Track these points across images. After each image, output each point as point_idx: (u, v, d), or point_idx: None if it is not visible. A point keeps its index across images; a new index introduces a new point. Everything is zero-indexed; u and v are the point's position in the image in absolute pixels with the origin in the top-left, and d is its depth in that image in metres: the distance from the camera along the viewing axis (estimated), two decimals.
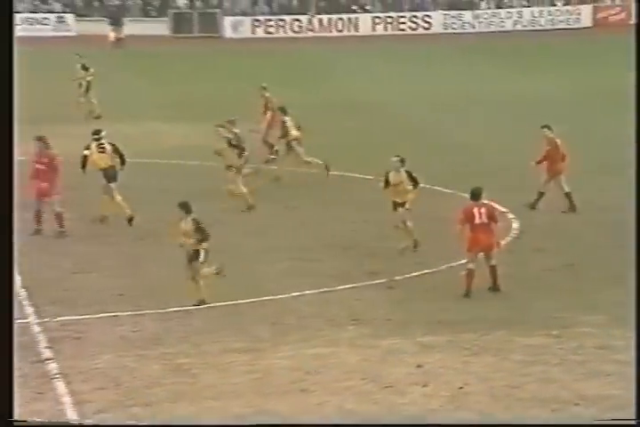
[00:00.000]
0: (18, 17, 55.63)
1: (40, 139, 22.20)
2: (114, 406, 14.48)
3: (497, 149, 30.06)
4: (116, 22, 53.58)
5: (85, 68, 35.11)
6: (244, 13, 59.56)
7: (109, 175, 22.93)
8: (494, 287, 18.53)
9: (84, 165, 22.97)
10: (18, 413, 14.21)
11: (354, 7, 61.03)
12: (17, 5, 56.51)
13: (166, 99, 38.47)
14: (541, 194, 23.50)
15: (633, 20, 54.85)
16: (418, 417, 13.98)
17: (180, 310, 17.91)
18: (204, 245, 18.06)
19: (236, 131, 24.70)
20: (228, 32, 57.97)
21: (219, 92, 39.33)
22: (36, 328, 17.15)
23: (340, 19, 59.76)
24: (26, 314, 17.69)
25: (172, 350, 16.34)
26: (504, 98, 38.60)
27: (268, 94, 28.82)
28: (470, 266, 18.29)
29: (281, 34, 58.55)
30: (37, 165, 21.83)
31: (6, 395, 11.77)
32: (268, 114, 28.23)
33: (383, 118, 35.46)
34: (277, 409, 14.31)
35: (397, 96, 39.80)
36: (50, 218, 22.16)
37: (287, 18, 59.16)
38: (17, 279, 19.28)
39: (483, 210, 18.30)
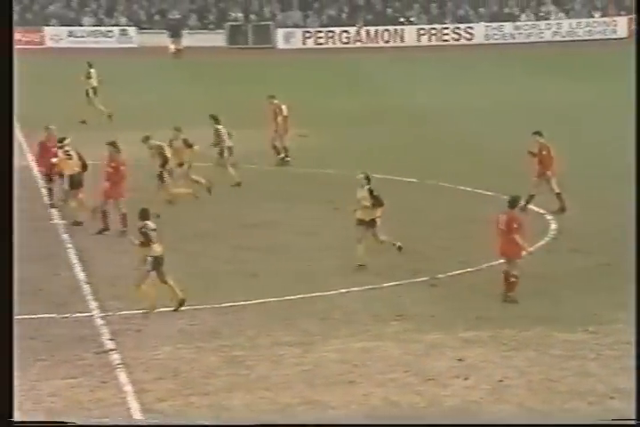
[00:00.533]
0: (84, 30, 56.14)
1: (111, 144, 22.49)
2: (173, 395, 14.55)
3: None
4: (175, 34, 53.86)
5: (89, 77, 35.31)
6: (295, 25, 59.73)
7: (76, 181, 23.01)
8: (505, 296, 17.90)
9: (51, 172, 23.26)
10: (84, 400, 14.37)
11: (400, 19, 60.98)
12: (83, 19, 57.03)
13: (220, 106, 38.57)
14: (532, 196, 23.16)
15: None
16: (459, 409, 13.92)
17: (235, 305, 17.97)
18: None
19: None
20: (280, 43, 58.14)
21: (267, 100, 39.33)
22: (100, 321, 17.26)
23: (387, 30, 59.69)
24: (90, 308, 17.82)
25: (227, 342, 16.40)
26: (543, 105, 38.34)
27: (276, 101, 28.82)
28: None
29: (330, 44, 58.63)
30: (107, 169, 22.08)
31: (6, 395, 11.42)
32: (279, 118, 28.26)
33: (427, 124, 35.34)
34: (326, 400, 14.31)
35: (441, 103, 39.65)
36: (115, 218, 22.32)
37: (336, 29, 59.25)
38: (81, 276, 19.45)
39: (504, 218, 17.84)
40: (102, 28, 56.63)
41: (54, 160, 23.32)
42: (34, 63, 38.15)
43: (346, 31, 59.30)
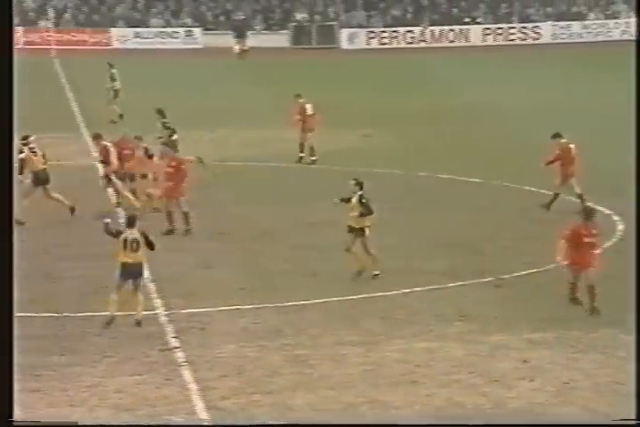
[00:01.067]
0: (150, 31, 56.53)
1: (165, 144, 22.68)
2: (237, 393, 14.62)
3: (603, 154, 29.56)
4: (240, 35, 54.09)
5: (113, 79, 35.56)
6: (359, 26, 59.69)
7: (42, 177, 23.05)
8: (592, 309, 17.43)
9: (21, 168, 23.04)
10: (149, 397, 14.49)
11: (466, 19, 60.69)
12: (150, 21, 57.45)
13: (283, 106, 38.71)
14: (557, 195, 23.54)
15: None
16: (524, 410, 13.82)
17: (297, 304, 18.00)
18: None
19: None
20: (344, 43, 58.13)
21: (332, 100, 39.38)
22: (164, 319, 17.39)
23: (452, 30, 59.44)
24: (154, 306, 17.97)
25: (290, 341, 16.44)
26: (610, 104, 37.94)
27: (301, 100, 28.96)
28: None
29: (394, 45, 58.51)
30: (167, 169, 22.23)
31: (6, 395, 11.32)
32: (311, 115, 28.45)
33: (491, 124, 35.15)
34: (389, 400, 14.29)
35: (506, 103, 39.40)
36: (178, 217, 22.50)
37: (401, 29, 59.12)
38: (146, 274, 19.62)
39: (585, 230, 17.53)
40: (168, 29, 57.05)
41: (21, 156, 22.87)
42: (102, 63, 38.53)
43: (410, 31, 59.18)
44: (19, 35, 53.50)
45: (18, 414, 13.73)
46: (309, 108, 28.78)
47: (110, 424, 13.39)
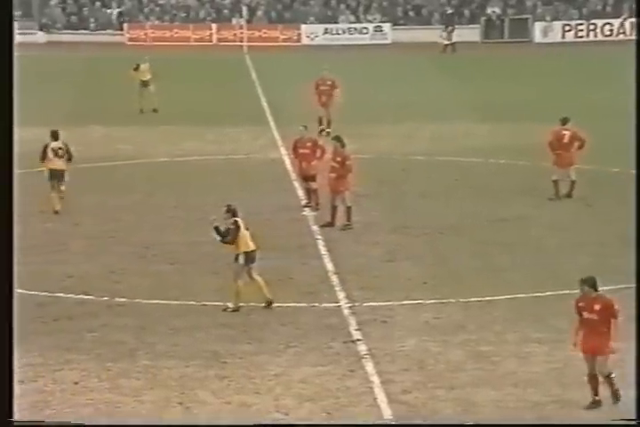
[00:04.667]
0: (340, 27, 56.99)
1: (336, 138, 22.70)
2: (418, 387, 14.67)
3: None
4: (448, 28, 54.14)
5: (136, 69, 35.53)
6: (554, 19, 58.70)
7: (55, 174, 23.30)
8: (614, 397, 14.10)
9: (42, 159, 23.29)
10: (332, 388, 14.66)
11: None
12: (335, 16, 57.97)
13: (474, 100, 38.43)
14: (573, 183, 23.92)
15: None
16: None
17: (482, 300, 17.90)
18: None
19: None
20: (537, 37, 57.31)
21: (525, 94, 38.88)
22: (346, 311, 17.58)
23: None
24: (337, 298, 18.17)
25: (473, 337, 16.39)
26: None
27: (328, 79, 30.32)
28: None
29: (591, 38, 57.28)
30: (332, 163, 22.30)
31: (6, 395, 11.32)
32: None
33: None
34: (576, 399, 14.06)
35: None
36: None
37: (598, 22, 57.81)
38: (329, 266, 19.85)
39: (596, 305, 14.06)
40: (357, 25, 57.48)
41: (44, 149, 23.20)
42: (292, 59, 39.14)
43: (609, 23, 57.76)
44: (212, 31, 54.92)
45: (206, 399, 14.14)
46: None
47: (118, 425, 13.36)
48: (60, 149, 23.36)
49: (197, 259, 20.19)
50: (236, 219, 17.54)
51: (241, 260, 17.42)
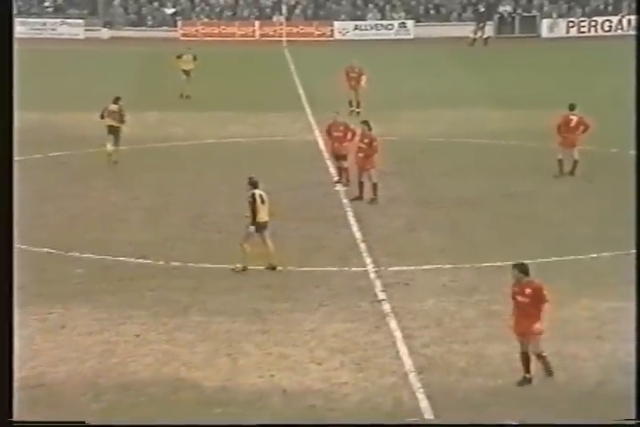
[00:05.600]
0: (368, 24, 56.86)
1: (364, 122, 22.70)
2: (436, 342, 14.77)
3: None
4: (480, 24, 54.10)
5: (179, 57, 35.75)
6: (559, 16, 58.35)
7: (110, 131, 25.50)
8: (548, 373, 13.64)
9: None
10: (360, 342, 14.77)
11: None
12: (364, 14, 57.80)
13: (488, 89, 38.26)
14: (575, 162, 23.80)
15: None
16: None
17: (493, 265, 17.93)
18: None
19: None
20: (544, 32, 56.99)
21: (534, 84, 38.65)
22: (373, 275, 17.68)
23: None
24: (365, 263, 18.27)
25: (485, 297, 16.44)
26: None
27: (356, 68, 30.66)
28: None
29: (592, 33, 56.97)
30: (360, 144, 22.36)
31: (6, 395, 10.73)
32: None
33: None
34: (575, 352, 14.11)
35: None
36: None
37: (599, 19, 57.51)
38: (358, 235, 19.93)
39: (528, 289, 13.42)
40: (384, 22, 57.32)
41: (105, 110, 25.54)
42: (325, 53, 39.08)
43: (608, 20, 57.47)
44: (255, 28, 55.00)
45: (250, 350, 14.26)
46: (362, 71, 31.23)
47: (116, 424, 12.88)
48: (114, 112, 25.50)
49: (241, 229, 20.27)
50: (254, 191, 17.69)
51: (252, 228, 17.61)
